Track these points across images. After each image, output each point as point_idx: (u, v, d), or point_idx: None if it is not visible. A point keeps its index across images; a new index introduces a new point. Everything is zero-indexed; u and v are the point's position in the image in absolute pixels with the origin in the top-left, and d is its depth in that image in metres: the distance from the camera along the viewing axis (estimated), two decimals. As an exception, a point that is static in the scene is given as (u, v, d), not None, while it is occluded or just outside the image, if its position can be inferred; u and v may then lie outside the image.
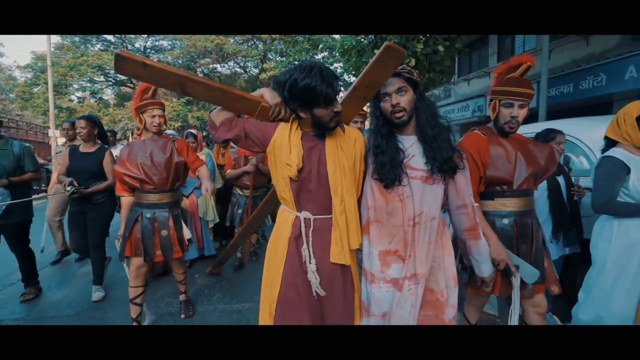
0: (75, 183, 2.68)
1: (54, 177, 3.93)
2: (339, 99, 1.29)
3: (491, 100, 1.61)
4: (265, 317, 1.36)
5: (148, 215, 2.23)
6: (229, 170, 3.54)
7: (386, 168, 1.28)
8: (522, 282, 1.55)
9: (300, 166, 1.25)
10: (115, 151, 4.11)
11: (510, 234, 1.58)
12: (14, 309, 2.75)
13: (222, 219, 3.97)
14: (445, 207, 1.42)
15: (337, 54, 9.81)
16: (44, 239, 3.75)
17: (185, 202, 3.47)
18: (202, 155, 3.71)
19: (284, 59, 19.87)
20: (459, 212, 1.37)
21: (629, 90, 6.21)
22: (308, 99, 1.18)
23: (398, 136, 1.35)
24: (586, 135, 2.43)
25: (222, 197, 4.09)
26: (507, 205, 1.60)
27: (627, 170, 1.71)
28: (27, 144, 2.93)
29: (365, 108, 1.76)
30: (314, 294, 1.31)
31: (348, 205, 1.29)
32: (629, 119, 1.73)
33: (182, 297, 2.66)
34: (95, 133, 2.94)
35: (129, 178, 2.19)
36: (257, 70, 23.21)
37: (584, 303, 1.87)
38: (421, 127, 1.31)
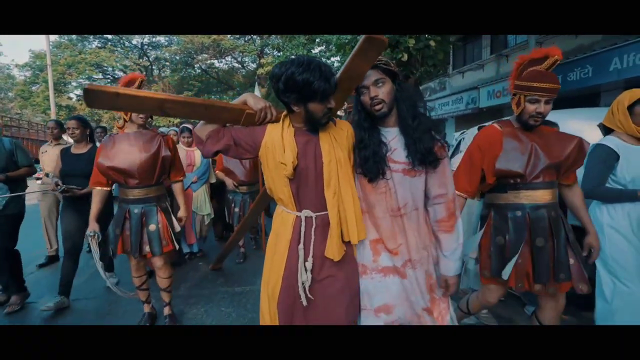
0: (60, 183, 2.66)
1: (42, 176, 3.90)
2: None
3: (514, 95, 1.57)
4: (266, 319, 1.34)
5: (136, 211, 2.18)
6: (217, 172, 3.72)
7: (369, 163, 1.27)
8: (547, 280, 1.54)
9: (296, 164, 1.22)
10: None
11: (521, 223, 1.57)
12: (39, 292, 2.99)
13: (217, 213, 4.03)
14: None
15: (333, 48, 9.94)
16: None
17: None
18: (197, 150, 3.80)
19: (281, 53, 19.92)
20: (435, 202, 1.33)
21: (615, 82, 6.42)
22: (305, 93, 1.17)
23: (381, 129, 1.33)
24: (564, 124, 2.65)
25: (217, 191, 4.18)
26: (520, 197, 1.57)
27: (617, 157, 1.77)
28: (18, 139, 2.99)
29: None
30: (302, 296, 1.26)
31: (346, 197, 1.26)
32: (621, 107, 1.78)
33: (166, 311, 2.43)
34: (88, 133, 2.92)
35: (114, 172, 2.12)
36: (254, 65, 23.28)
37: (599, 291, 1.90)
38: (402, 118, 1.30)
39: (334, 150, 1.26)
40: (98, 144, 4.41)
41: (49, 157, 3.65)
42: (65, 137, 3.78)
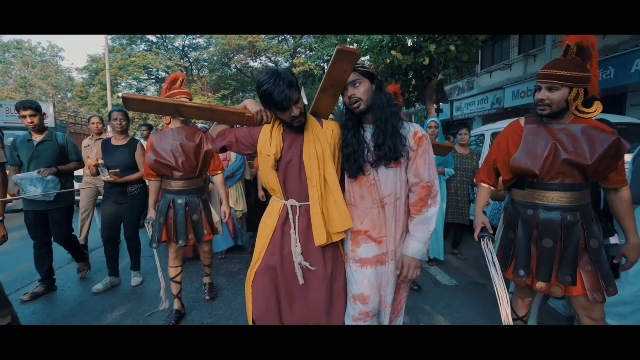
0: (101, 160, 2.76)
1: (85, 169, 3.74)
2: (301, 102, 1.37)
3: None
4: (247, 287, 1.49)
5: (180, 202, 2.30)
6: (255, 169, 3.90)
7: (350, 161, 1.39)
8: (548, 279, 1.47)
9: (278, 157, 1.37)
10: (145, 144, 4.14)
11: (531, 223, 1.51)
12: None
13: (251, 208, 4.07)
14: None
15: (365, 47, 10.42)
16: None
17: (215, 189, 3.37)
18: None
19: (313, 53, 20.70)
20: (411, 190, 1.42)
21: (637, 83, 6.51)
22: (267, 103, 1.34)
23: (365, 126, 1.44)
24: None
25: (253, 187, 4.19)
26: (535, 197, 1.50)
27: None
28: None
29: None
30: (299, 275, 1.40)
31: (327, 190, 1.38)
32: None
33: (206, 280, 2.80)
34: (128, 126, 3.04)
35: (160, 165, 2.25)
36: (287, 65, 24.17)
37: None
38: (373, 115, 1.40)
39: (315, 149, 1.38)
40: (142, 140, 4.69)
41: (92, 152, 3.69)
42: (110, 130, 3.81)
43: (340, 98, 1.49)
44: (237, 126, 1.56)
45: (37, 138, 2.79)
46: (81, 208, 3.86)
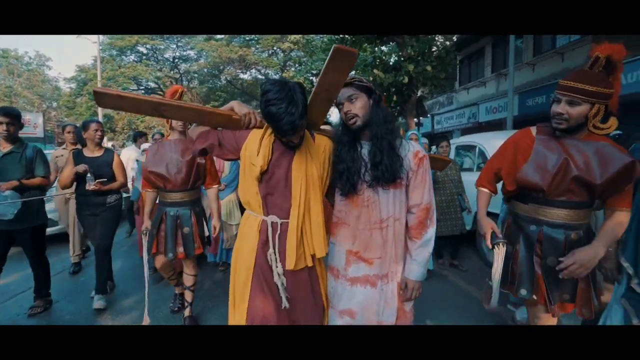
0: (89, 170, 2.68)
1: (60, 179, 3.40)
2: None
3: None
4: (237, 318, 1.37)
5: (171, 213, 2.29)
6: None
7: (343, 178, 1.33)
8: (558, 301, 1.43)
9: (265, 168, 1.26)
10: (127, 152, 4.31)
11: (532, 240, 1.48)
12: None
13: None
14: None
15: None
16: None
17: (207, 202, 3.22)
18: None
19: (302, 67, 21.40)
20: (410, 212, 1.38)
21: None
22: (270, 123, 1.21)
23: (363, 143, 1.37)
24: (488, 144, 3.79)
25: None
26: (539, 213, 1.45)
27: None
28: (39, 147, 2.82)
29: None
30: (283, 298, 1.30)
31: (313, 211, 1.31)
32: None
33: (186, 312, 2.49)
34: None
35: (154, 176, 2.24)
36: (277, 77, 24.72)
37: None
38: (371, 132, 1.33)
39: (306, 167, 1.30)
40: (136, 147, 4.77)
41: (64, 162, 3.45)
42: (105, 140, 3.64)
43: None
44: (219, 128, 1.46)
45: (5, 148, 2.51)
46: (69, 225, 3.71)
